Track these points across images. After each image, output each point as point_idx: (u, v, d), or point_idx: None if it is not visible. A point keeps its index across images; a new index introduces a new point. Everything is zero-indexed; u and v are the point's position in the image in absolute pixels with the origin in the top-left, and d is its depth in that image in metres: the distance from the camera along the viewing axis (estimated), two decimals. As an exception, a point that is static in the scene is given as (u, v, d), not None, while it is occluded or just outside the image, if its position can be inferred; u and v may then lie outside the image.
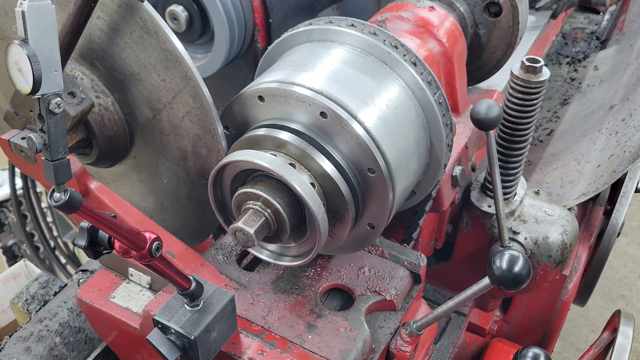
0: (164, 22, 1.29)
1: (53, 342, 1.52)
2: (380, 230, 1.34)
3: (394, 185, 1.28)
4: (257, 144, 1.27)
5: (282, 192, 1.21)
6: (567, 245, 1.78)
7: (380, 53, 1.36)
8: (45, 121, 1.02)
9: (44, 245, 3.22)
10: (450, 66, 1.75)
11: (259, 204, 1.21)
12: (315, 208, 1.18)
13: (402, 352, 1.36)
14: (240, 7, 1.89)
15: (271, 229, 1.22)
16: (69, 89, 1.38)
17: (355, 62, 1.35)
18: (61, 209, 0.90)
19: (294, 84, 1.26)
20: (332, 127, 1.23)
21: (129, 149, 1.55)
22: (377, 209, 1.31)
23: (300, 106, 1.25)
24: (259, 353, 1.27)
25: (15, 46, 0.96)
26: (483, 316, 2.15)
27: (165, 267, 1.05)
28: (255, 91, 1.30)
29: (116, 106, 1.46)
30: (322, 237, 1.22)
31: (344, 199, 1.24)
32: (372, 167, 1.24)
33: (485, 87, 2.13)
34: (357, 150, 1.23)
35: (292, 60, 1.38)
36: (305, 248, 1.31)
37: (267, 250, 1.37)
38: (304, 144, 1.23)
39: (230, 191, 1.30)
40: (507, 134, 1.71)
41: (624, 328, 1.83)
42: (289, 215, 1.21)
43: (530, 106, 1.64)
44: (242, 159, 1.21)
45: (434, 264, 2.11)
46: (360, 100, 1.26)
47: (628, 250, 4.19)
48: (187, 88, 1.35)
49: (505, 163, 1.76)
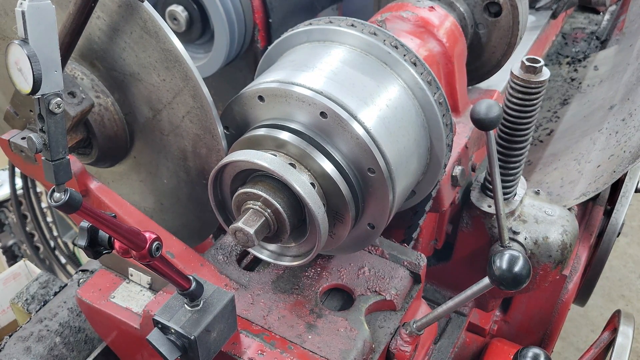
0: (164, 22, 1.29)
1: (53, 342, 1.52)
2: (380, 230, 1.34)
3: (394, 185, 1.28)
4: (257, 144, 1.27)
5: (282, 192, 1.21)
6: (567, 245, 1.78)
7: (380, 53, 1.36)
8: (45, 121, 1.02)
9: (44, 245, 3.22)
10: (450, 66, 1.75)
11: (259, 204, 1.21)
12: (315, 208, 1.18)
13: (402, 352, 1.36)
14: (240, 7, 1.89)
15: (271, 229, 1.22)
16: (69, 89, 1.38)
17: (355, 62, 1.35)
18: (61, 209, 0.90)
19: (294, 83, 1.26)
20: (332, 127, 1.24)
21: (129, 149, 1.55)
22: (377, 209, 1.31)
23: (301, 106, 1.25)
24: (259, 353, 1.27)
25: (15, 46, 0.96)
26: (483, 316, 2.15)
27: (165, 267, 1.05)
28: (255, 91, 1.30)
29: (116, 106, 1.46)
30: (322, 237, 1.22)
31: (344, 199, 1.24)
32: (372, 167, 1.24)
33: (485, 87, 2.13)
34: (357, 150, 1.23)
35: (292, 60, 1.38)
36: (305, 248, 1.31)
37: (267, 250, 1.37)
38: (304, 144, 1.23)
39: (230, 191, 1.30)
40: (507, 134, 1.71)
41: (624, 328, 1.83)
42: (289, 215, 1.21)
43: (530, 106, 1.64)
44: (242, 159, 1.21)
45: (434, 264, 2.11)
46: (360, 100, 1.26)
47: (628, 250, 4.19)
48: (187, 88, 1.35)
49: (505, 163, 1.76)
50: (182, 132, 1.42)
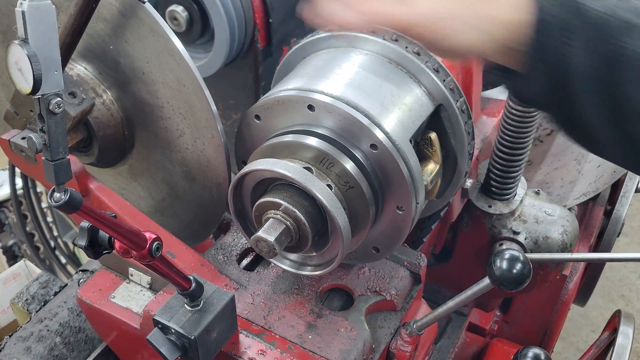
0: (164, 22, 1.29)
1: (53, 342, 1.52)
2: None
3: (416, 193, 1.27)
4: (278, 151, 1.25)
5: (303, 200, 1.19)
6: (567, 245, 1.78)
7: (402, 59, 1.35)
8: (45, 121, 1.01)
9: (44, 245, 3.22)
10: (469, 77, 1.74)
11: (280, 213, 1.19)
12: (336, 214, 1.16)
13: (403, 352, 1.36)
14: (241, 7, 1.89)
15: (293, 237, 1.20)
16: (69, 89, 1.38)
17: (376, 69, 1.34)
18: (61, 209, 0.90)
19: (314, 91, 1.25)
20: (353, 133, 1.22)
21: (129, 149, 1.55)
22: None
23: (324, 113, 1.24)
24: (259, 353, 1.27)
25: (15, 46, 0.96)
26: (483, 316, 2.15)
27: (166, 267, 1.05)
28: (277, 98, 1.29)
29: (116, 105, 1.47)
30: (346, 245, 1.20)
31: (367, 206, 1.23)
32: (394, 173, 1.23)
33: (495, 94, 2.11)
34: (381, 158, 1.22)
35: (313, 66, 1.38)
36: (328, 257, 1.30)
37: (288, 260, 1.36)
38: (324, 150, 1.21)
39: (251, 201, 1.29)
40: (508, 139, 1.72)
41: (624, 328, 1.83)
42: (310, 223, 1.19)
43: (530, 112, 1.65)
44: (260, 168, 1.19)
45: (434, 264, 2.11)
46: (383, 107, 1.25)
47: (628, 250, 4.19)
48: (187, 88, 1.35)
49: (506, 166, 1.77)
50: (183, 131, 1.42)
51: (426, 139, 1.35)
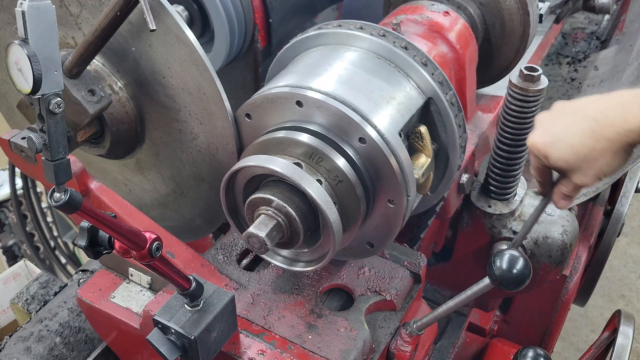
0: (191, 33, 1.30)
1: (53, 342, 1.52)
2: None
3: (407, 188, 1.27)
4: (270, 148, 1.26)
5: (294, 196, 1.19)
6: (567, 245, 1.78)
7: (390, 55, 1.36)
8: (45, 121, 1.02)
9: (44, 245, 3.22)
10: (462, 72, 1.74)
11: (271, 209, 1.19)
12: (326, 208, 1.17)
13: (403, 352, 1.36)
14: (241, 7, 1.89)
15: (284, 233, 1.21)
16: (89, 87, 1.37)
17: (365, 64, 1.35)
18: (61, 209, 0.90)
19: (302, 87, 1.25)
20: (342, 128, 1.23)
21: (139, 144, 1.56)
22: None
23: (313, 110, 1.24)
24: (259, 353, 1.27)
25: (15, 46, 0.96)
26: (483, 316, 2.15)
27: (166, 267, 1.05)
28: (266, 96, 1.29)
29: (131, 103, 1.47)
30: (337, 240, 1.20)
31: (358, 200, 1.23)
32: (385, 169, 1.23)
33: (492, 92, 2.11)
34: (371, 152, 1.23)
35: (302, 64, 1.38)
36: (319, 253, 1.30)
37: (280, 256, 1.36)
38: (313, 145, 1.21)
39: (243, 198, 1.29)
40: (507, 139, 1.71)
41: (624, 328, 1.83)
42: (301, 218, 1.19)
43: (528, 114, 1.65)
44: (252, 164, 1.20)
45: (434, 264, 2.11)
46: (372, 102, 1.26)
47: (628, 250, 4.19)
48: (207, 96, 1.35)
49: (506, 166, 1.77)
50: (196, 131, 1.44)
51: (416, 133, 1.35)
